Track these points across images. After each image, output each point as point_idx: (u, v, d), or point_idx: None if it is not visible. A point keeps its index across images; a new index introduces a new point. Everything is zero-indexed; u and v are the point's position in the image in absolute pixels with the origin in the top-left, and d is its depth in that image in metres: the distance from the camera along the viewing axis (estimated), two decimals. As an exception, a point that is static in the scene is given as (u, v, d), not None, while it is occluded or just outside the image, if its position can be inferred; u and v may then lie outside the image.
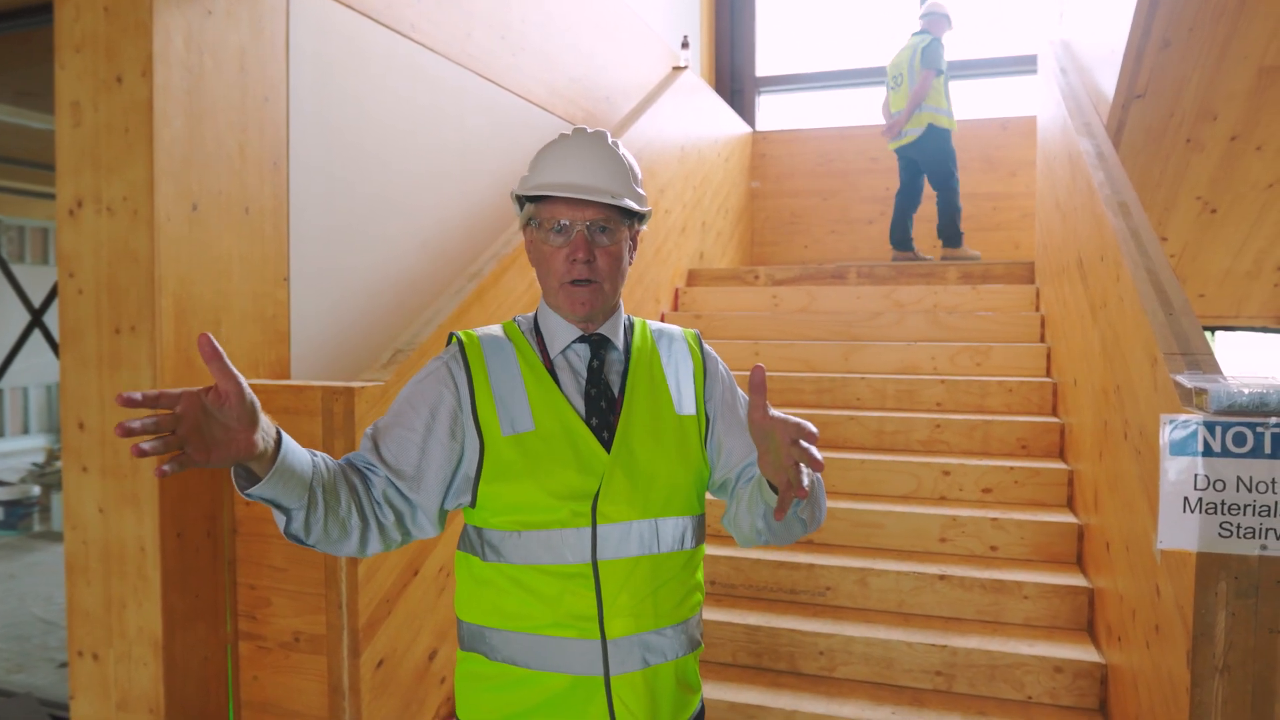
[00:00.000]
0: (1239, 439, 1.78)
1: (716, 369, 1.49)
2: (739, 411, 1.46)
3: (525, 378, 1.35)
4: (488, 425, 1.31)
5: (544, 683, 1.28)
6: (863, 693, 2.84)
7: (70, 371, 2.53)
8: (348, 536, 1.25)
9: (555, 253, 1.34)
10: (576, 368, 1.38)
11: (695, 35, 7.39)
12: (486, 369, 1.35)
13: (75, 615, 2.57)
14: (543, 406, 1.32)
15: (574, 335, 1.38)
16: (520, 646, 1.29)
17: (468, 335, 1.40)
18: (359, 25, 3.22)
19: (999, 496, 3.57)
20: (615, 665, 1.28)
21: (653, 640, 1.31)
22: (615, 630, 1.28)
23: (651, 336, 1.47)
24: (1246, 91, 3.38)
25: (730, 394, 1.47)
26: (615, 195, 1.33)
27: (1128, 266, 2.48)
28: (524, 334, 1.41)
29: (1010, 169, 6.68)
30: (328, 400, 2.50)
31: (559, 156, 1.36)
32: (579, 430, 1.32)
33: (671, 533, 1.34)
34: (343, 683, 2.52)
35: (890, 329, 4.76)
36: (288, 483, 1.14)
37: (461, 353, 1.37)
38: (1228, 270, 4.78)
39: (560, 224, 1.33)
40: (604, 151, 1.37)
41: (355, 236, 3.20)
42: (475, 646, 1.34)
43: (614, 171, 1.36)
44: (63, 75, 2.50)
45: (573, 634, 1.27)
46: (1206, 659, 1.83)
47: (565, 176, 1.33)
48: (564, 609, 1.27)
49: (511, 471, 1.29)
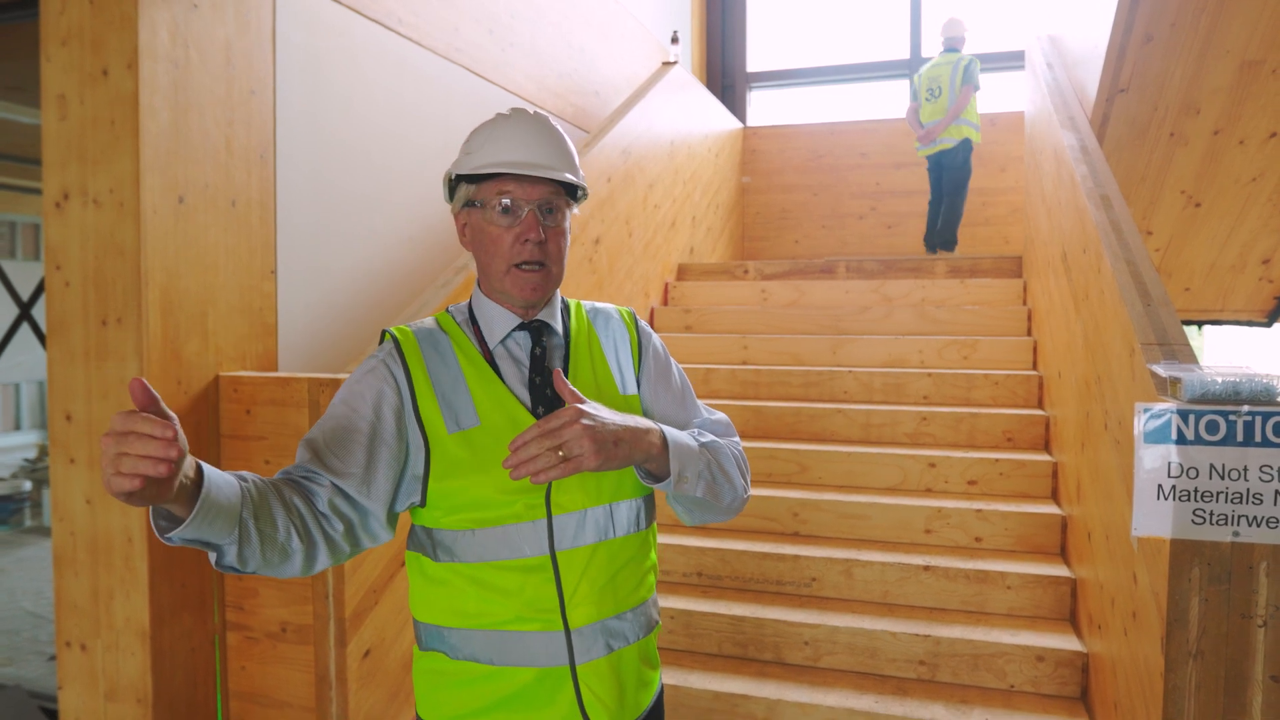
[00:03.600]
0: (1212, 427, 1.81)
1: (651, 344, 1.46)
2: (673, 385, 1.44)
3: (466, 372, 1.31)
4: (431, 424, 1.27)
5: (509, 677, 1.26)
6: (847, 682, 2.86)
7: (57, 364, 2.53)
8: (289, 560, 1.17)
9: (503, 234, 1.29)
10: (518, 356, 1.35)
11: (686, 31, 7.40)
12: (425, 365, 1.30)
13: (63, 606, 2.58)
14: (487, 400, 1.29)
15: (513, 323, 1.34)
16: (482, 643, 1.27)
17: (401, 331, 1.35)
18: (346, 19, 3.23)
19: (984, 488, 3.60)
20: (580, 654, 1.27)
21: (614, 625, 1.30)
22: (578, 619, 1.27)
23: (587, 317, 1.44)
24: (1228, 86, 3.40)
25: (665, 367, 1.45)
26: (565, 172, 1.31)
27: (1108, 259, 2.51)
28: (460, 325, 1.37)
29: (1000, 164, 6.72)
30: (314, 392, 2.51)
31: (501, 136, 1.31)
32: (526, 421, 1.28)
33: (626, 515, 1.33)
34: (329, 673, 2.54)
35: (878, 323, 4.79)
36: (213, 520, 1.04)
37: (397, 349, 1.31)
38: (1213, 264, 4.81)
39: (506, 204, 1.29)
40: (549, 130, 1.34)
41: (343, 230, 3.21)
42: (434, 646, 1.31)
43: (560, 149, 1.33)
44: (49, 68, 2.50)
45: (536, 627, 1.25)
46: (1180, 645, 1.86)
47: (513, 154, 1.28)
48: (525, 602, 1.25)
49: (460, 469, 1.26)
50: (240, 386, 2.62)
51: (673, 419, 1.41)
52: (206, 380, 2.61)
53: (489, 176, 1.30)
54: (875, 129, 7.31)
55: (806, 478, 3.79)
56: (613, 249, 4.56)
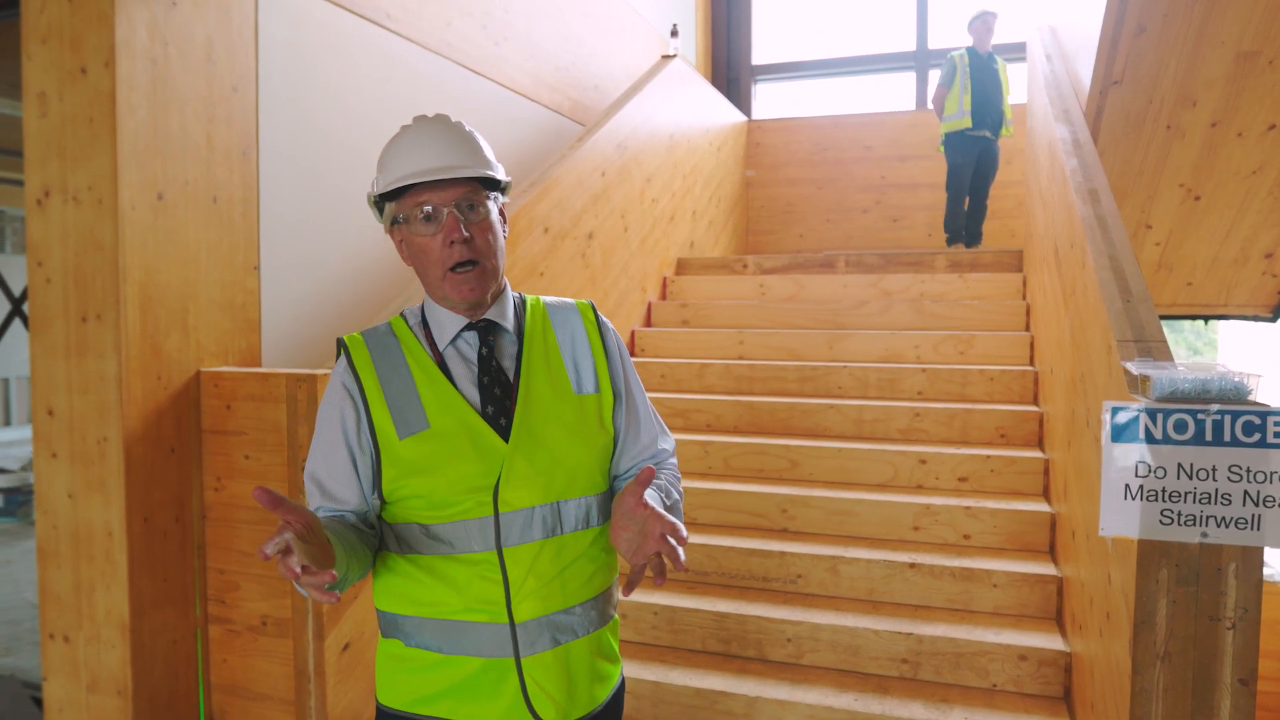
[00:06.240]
0: (1180, 426, 1.78)
1: (614, 343, 1.47)
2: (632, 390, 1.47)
3: (415, 375, 1.33)
4: (383, 430, 1.31)
5: (458, 666, 1.30)
6: (828, 680, 2.85)
7: (40, 359, 2.56)
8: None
9: (429, 242, 1.32)
10: (468, 357, 1.37)
11: (691, 24, 7.37)
12: (375, 372, 1.34)
13: (47, 598, 2.61)
14: (435, 404, 1.31)
15: (461, 324, 1.37)
16: (433, 632, 1.31)
17: (352, 339, 1.38)
18: (332, 15, 3.23)
19: (975, 485, 3.57)
20: (525, 647, 1.29)
21: (562, 620, 1.32)
22: (523, 614, 1.29)
23: (545, 313, 1.45)
24: (1225, 77, 3.34)
25: (628, 371, 1.48)
26: (474, 168, 1.32)
27: (1090, 254, 2.48)
28: (412, 329, 1.40)
29: (1006, 157, 6.63)
30: (291, 387, 2.53)
31: (405, 147, 1.33)
32: (475, 423, 1.31)
33: (575, 513, 1.35)
34: (308, 666, 2.56)
35: (876, 317, 4.75)
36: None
37: (349, 361, 1.36)
38: (1214, 258, 4.74)
39: (425, 210, 1.31)
40: (448, 130, 1.35)
41: (328, 226, 3.22)
42: (392, 633, 1.36)
43: (463, 147, 1.34)
44: (29, 66, 2.52)
45: (483, 618, 1.29)
46: (1147, 646, 1.83)
47: (419, 163, 1.31)
48: (473, 595, 1.29)
49: (412, 470, 1.29)
50: (221, 382, 2.64)
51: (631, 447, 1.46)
52: (188, 375, 2.63)
53: (405, 190, 1.33)
54: (881, 122, 7.25)
55: (797, 474, 3.78)
56: (607, 244, 4.55)
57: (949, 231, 6.22)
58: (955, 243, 6.20)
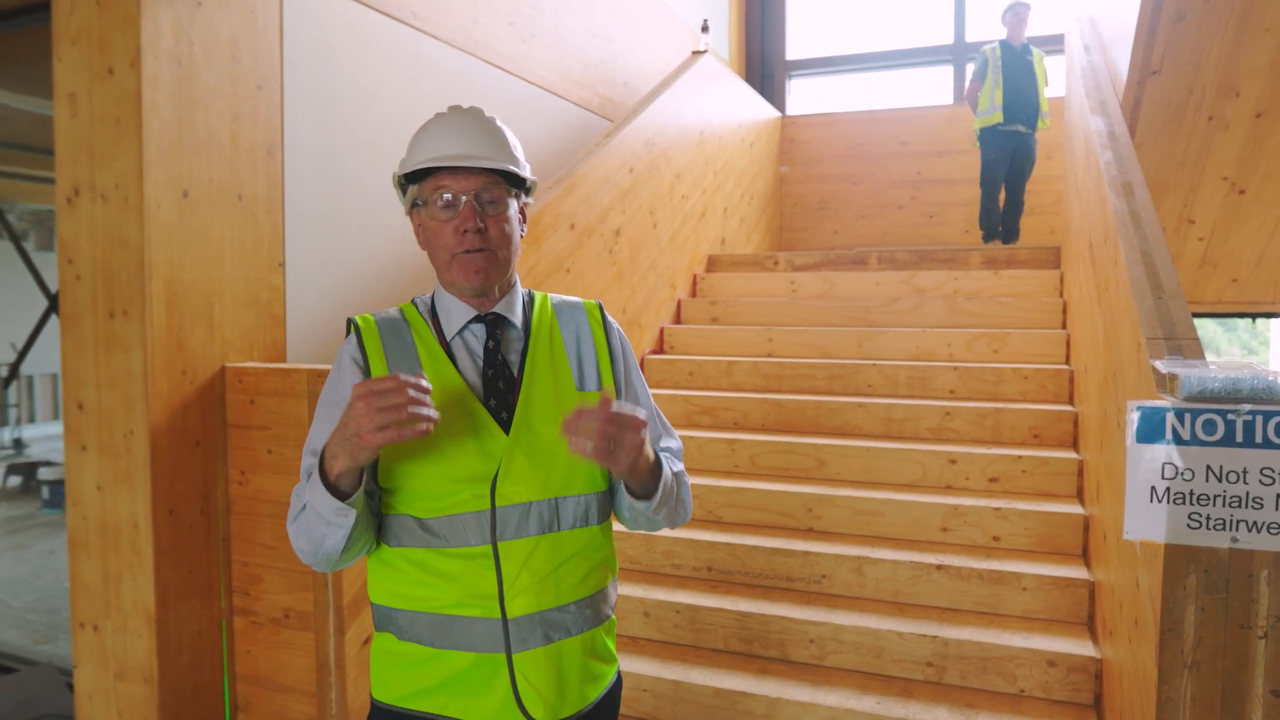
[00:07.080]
0: (1209, 427, 1.71)
1: (619, 344, 1.48)
2: (636, 390, 1.47)
3: (424, 361, 1.34)
4: None
5: (449, 661, 1.29)
6: (851, 682, 2.80)
7: (70, 354, 2.61)
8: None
9: (443, 227, 1.33)
10: (474, 349, 1.37)
11: (724, 19, 7.32)
12: (384, 354, 1.34)
13: (77, 588, 2.67)
14: (440, 389, 1.31)
15: (469, 316, 1.38)
16: (425, 626, 1.30)
17: (364, 320, 1.39)
18: (357, 13, 3.26)
19: (1006, 486, 3.49)
20: (517, 643, 1.29)
21: (555, 617, 1.31)
22: (516, 609, 1.29)
23: (552, 310, 1.46)
24: (1269, 66, 3.21)
25: (631, 371, 1.48)
26: (497, 161, 1.32)
27: (1122, 249, 2.40)
28: (422, 315, 1.40)
29: (1045, 151, 6.48)
30: (313, 382, 2.55)
31: (436, 132, 1.35)
32: (477, 414, 1.31)
33: (573, 511, 1.34)
34: (329, 659, 2.58)
35: (907, 315, 4.68)
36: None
37: (358, 338, 1.37)
38: (1261, 254, 4.57)
39: (445, 197, 1.31)
40: (481, 122, 1.36)
41: (353, 223, 3.24)
42: (386, 627, 1.36)
43: (490, 139, 1.35)
44: (60, 67, 2.58)
45: (475, 613, 1.28)
46: (1174, 654, 1.77)
47: (444, 149, 1.32)
48: (466, 589, 1.28)
49: (410, 453, 1.29)
50: (245, 377, 2.67)
51: None
52: (213, 370, 2.67)
53: (427, 174, 1.33)
54: (918, 116, 7.14)
55: (824, 473, 3.73)
56: (635, 240, 4.54)
57: (984, 228, 6.11)
58: (991, 239, 6.08)
